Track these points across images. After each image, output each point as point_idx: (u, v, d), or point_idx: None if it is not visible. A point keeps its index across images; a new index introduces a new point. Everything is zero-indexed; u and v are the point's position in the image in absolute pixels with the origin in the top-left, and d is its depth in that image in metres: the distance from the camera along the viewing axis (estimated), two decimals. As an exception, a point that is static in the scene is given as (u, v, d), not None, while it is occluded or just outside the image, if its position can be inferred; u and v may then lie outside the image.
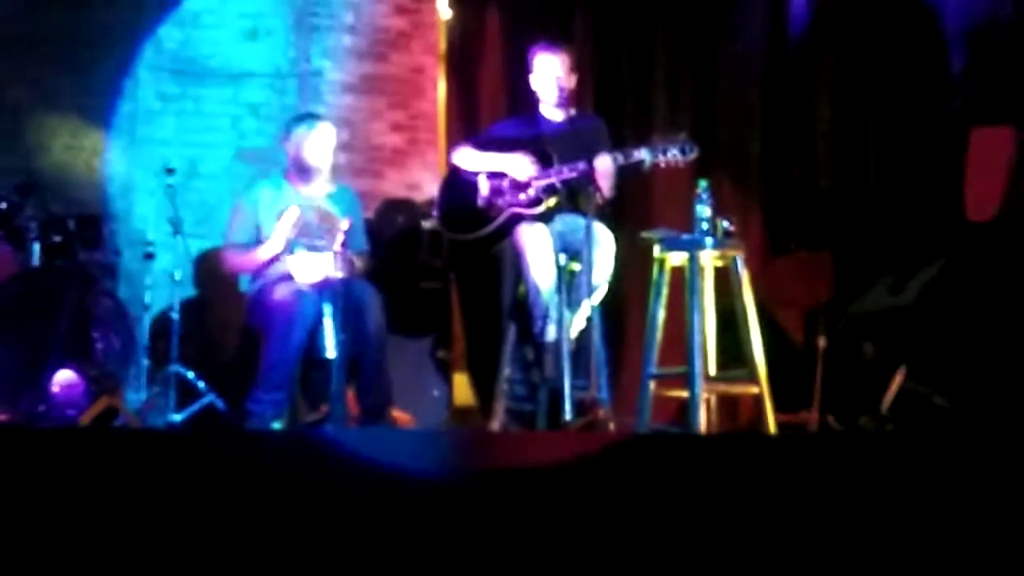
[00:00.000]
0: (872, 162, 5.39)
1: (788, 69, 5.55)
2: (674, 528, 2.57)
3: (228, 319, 5.41)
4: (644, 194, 5.36)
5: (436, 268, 5.56)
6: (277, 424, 4.52)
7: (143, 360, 5.00)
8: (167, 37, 5.94)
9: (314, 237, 4.71)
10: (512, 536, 2.55)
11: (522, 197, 4.69)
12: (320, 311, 4.55)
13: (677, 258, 4.54)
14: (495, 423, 4.70)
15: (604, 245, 4.60)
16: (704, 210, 4.46)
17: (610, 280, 4.66)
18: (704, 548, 2.55)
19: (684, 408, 4.50)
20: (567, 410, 4.32)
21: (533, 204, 4.68)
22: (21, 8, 5.70)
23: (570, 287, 4.59)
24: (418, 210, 5.79)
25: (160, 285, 5.19)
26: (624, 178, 4.68)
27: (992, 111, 4.97)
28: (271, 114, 5.99)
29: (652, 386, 4.57)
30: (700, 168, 4.67)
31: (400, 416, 4.82)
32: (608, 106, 5.44)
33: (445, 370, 5.48)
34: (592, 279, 4.48)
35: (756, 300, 4.57)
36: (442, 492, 2.58)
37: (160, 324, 5.20)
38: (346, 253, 4.56)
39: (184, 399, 4.90)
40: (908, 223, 5.13)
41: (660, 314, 4.56)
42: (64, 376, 4.73)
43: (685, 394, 4.44)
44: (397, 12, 6.20)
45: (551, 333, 4.55)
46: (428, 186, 5.94)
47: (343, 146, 5.54)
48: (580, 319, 4.58)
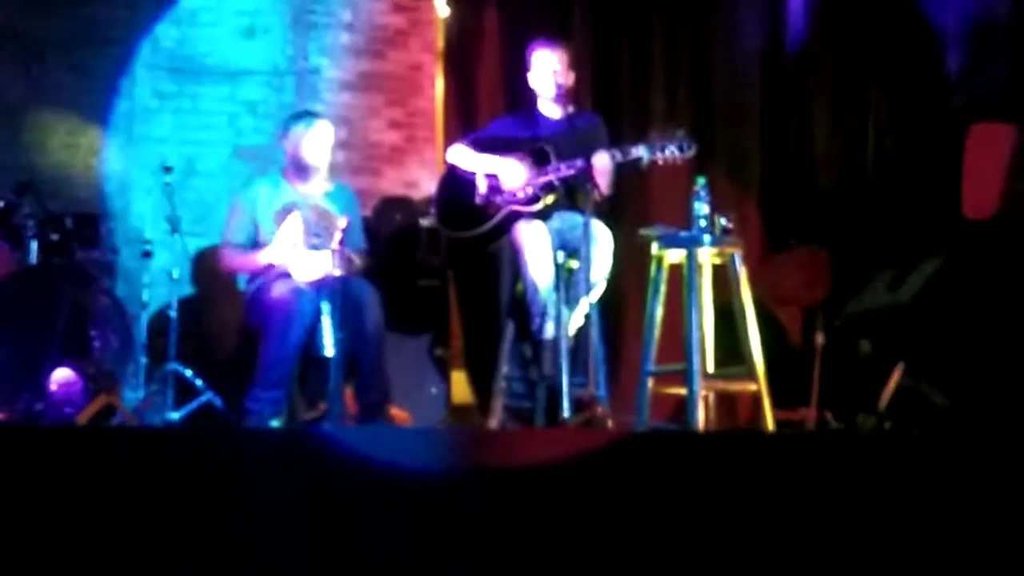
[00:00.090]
0: (870, 159, 5.39)
1: (786, 66, 5.55)
2: (673, 525, 2.57)
3: (226, 317, 5.40)
4: (642, 191, 5.36)
5: (434, 266, 5.55)
6: (275, 422, 4.52)
7: (141, 358, 4.99)
8: (164, 35, 5.94)
9: (312, 235, 4.70)
10: (511, 533, 2.55)
11: (520, 195, 4.69)
12: (318, 309, 4.55)
13: (675, 255, 4.54)
14: (493, 421, 4.70)
15: (602, 242, 4.59)
16: (702, 207, 4.46)
17: (608, 277, 4.66)
18: (703, 545, 2.55)
19: (682, 405, 4.49)
20: (565, 407, 4.32)
21: (531, 202, 4.68)
22: (19, 6, 5.70)
23: (568, 284, 4.59)
24: (416, 208, 5.78)
25: (158, 283, 5.18)
26: (622, 175, 4.68)
27: (990, 109, 4.97)
28: (269, 112, 5.99)
29: (650, 383, 4.56)
30: (698, 165, 4.67)
31: (398, 414, 4.81)
32: (606, 103, 5.43)
33: (443, 368, 5.47)
34: (590, 276, 4.48)
35: (754, 297, 4.57)
36: (440, 490, 2.58)
37: (158, 322, 5.20)
38: (344, 251, 4.55)
39: (182, 397, 4.90)
40: (906, 221, 5.13)
41: (658, 311, 4.55)
42: (62, 374, 4.73)
43: (683, 391, 4.44)
44: (395, 10, 6.20)
45: (549, 330, 4.55)
46: (426, 184, 5.93)
47: (341, 144, 5.53)
48: (578, 316, 4.58)
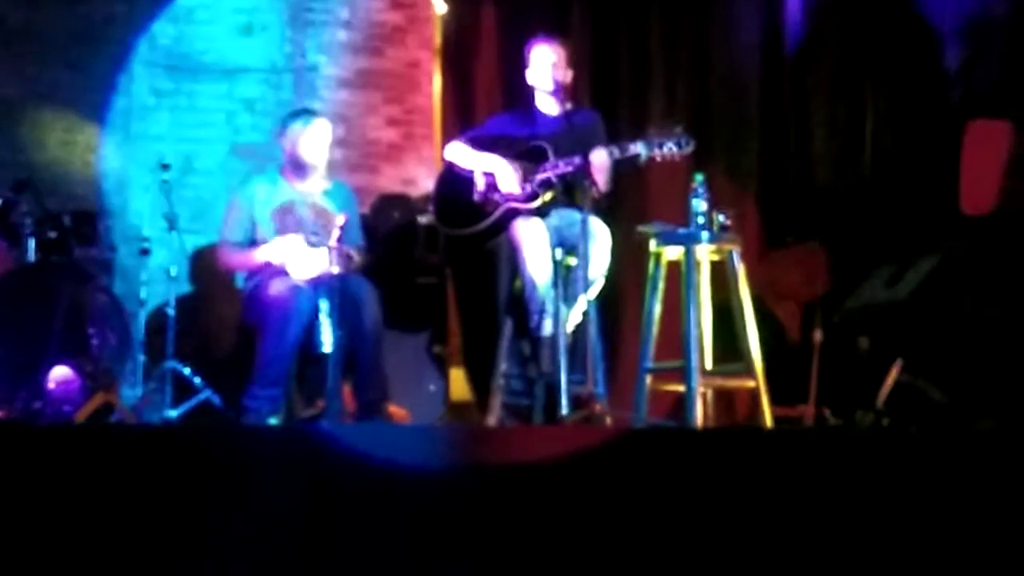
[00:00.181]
0: (868, 156, 5.39)
1: (785, 63, 5.55)
2: (671, 522, 2.57)
3: (224, 315, 5.40)
4: (640, 188, 5.35)
5: (432, 263, 5.55)
6: (273, 420, 4.52)
7: (139, 356, 4.99)
8: (161, 33, 5.94)
9: (310, 233, 4.70)
10: (509, 530, 2.55)
11: (518, 192, 4.69)
12: (316, 307, 4.54)
13: (673, 252, 4.54)
14: (491, 418, 4.69)
15: (600, 239, 4.59)
16: (700, 204, 4.46)
17: (606, 274, 4.65)
18: (701, 542, 2.55)
19: (680, 402, 4.50)
20: (563, 404, 4.32)
21: (529, 199, 4.67)
22: (16, 3, 5.69)
23: (566, 282, 4.59)
24: (414, 205, 5.78)
25: (156, 281, 5.18)
26: (620, 172, 4.67)
27: (988, 105, 4.97)
28: (266, 109, 5.98)
29: (648, 380, 4.57)
30: (696, 162, 4.67)
31: (396, 411, 4.81)
32: (604, 100, 5.43)
33: (441, 365, 5.47)
34: (588, 273, 4.47)
35: (752, 294, 4.57)
36: (438, 487, 2.58)
37: (156, 320, 5.19)
38: (342, 249, 4.55)
39: (180, 395, 4.90)
40: (904, 217, 5.13)
41: (656, 308, 4.55)
42: (60, 372, 4.73)
43: (681, 388, 4.44)
44: (392, 7, 6.19)
45: (547, 328, 4.54)
46: (424, 181, 5.93)
47: (339, 141, 5.53)
48: (576, 314, 4.58)
